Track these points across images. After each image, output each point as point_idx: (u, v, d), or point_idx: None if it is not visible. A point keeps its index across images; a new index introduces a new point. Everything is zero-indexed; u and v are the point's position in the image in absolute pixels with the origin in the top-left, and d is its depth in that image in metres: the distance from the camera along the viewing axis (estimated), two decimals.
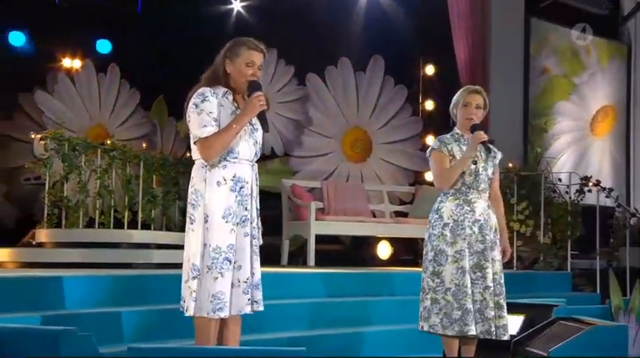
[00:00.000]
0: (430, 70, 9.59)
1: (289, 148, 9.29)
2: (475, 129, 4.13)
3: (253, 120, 3.44)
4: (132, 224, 7.41)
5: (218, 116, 3.34)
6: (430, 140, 8.30)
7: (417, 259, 7.59)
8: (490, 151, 4.18)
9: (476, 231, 4.08)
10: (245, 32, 3.61)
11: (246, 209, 3.37)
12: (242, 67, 3.39)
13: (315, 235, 7.65)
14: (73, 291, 4.39)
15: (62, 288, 4.36)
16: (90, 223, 7.21)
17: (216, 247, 3.29)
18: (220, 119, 3.34)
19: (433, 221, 4.16)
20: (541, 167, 8.71)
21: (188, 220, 3.38)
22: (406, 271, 6.88)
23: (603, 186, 7.87)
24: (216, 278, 3.27)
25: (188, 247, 3.36)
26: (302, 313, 5.14)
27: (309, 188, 8.43)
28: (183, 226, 3.46)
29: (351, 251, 9.00)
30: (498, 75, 8.89)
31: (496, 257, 4.11)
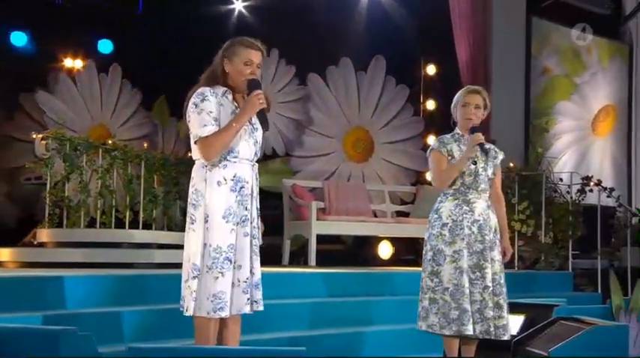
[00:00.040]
0: (431, 70, 9.60)
1: (290, 148, 9.29)
2: (475, 130, 4.13)
3: (253, 119, 3.44)
4: (133, 224, 7.40)
5: (218, 115, 3.34)
6: (431, 140, 8.29)
7: (419, 259, 7.54)
8: (487, 153, 4.17)
9: (475, 231, 4.09)
10: (246, 32, 3.61)
11: (246, 209, 3.37)
12: (240, 66, 3.39)
13: (316, 235, 7.65)
14: (74, 291, 4.39)
15: (63, 288, 4.36)
16: (91, 223, 7.21)
17: (216, 247, 3.29)
18: (220, 118, 3.34)
19: (432, 221, 4.18)
20: (542, 167, 8.70)
21: (189, 220, 3.37)
22: (407, 271, 6.87)
23: (604, 186, 7.86)
24: (216, 277, 3.27)
25: (188, 247, 3.36)
26: (303, 313, 5.14)
27: (310, 188, 8.43)
28: (184, 226, 3.46)
29: (353, 251, 9.00)
30: (499, 75, 8.89)
31: (496, 257, 4.11)
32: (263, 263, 3.51)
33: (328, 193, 8.27)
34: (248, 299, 3.35)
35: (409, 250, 8.75)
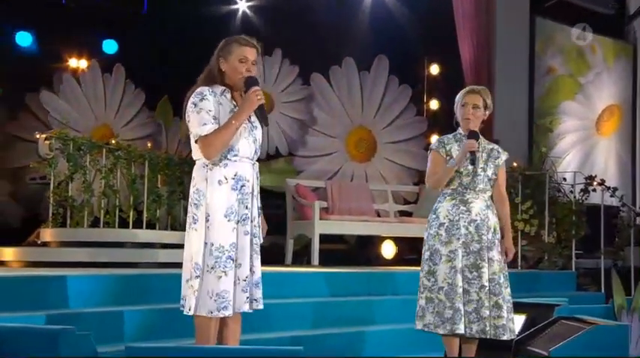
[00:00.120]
0: (435, 70, 9.62)
1: (293, 148, 9.30)
2: (472, 135, 4.14)
3: (252, 118, 3.45)
4: (137, 223, 7.41)
5: (217, 114, 3.34)
6: (434, 140, 8.30)
7: (421, 259, 7.58)
8: (474, 163, 4.13)
9: (472, 231, 4.09)
10: (250, 32, 3.61)
11: (246, 207, 3.38)
12: (236, 64, 3.40)
13: (319, 234, 7.65)
14: (78, 291, 4.40)
15: (66, 288, 4.37)
16: (95, 222, 7.22)
17: (219, 246, 3.29)
18: (220, 117, 3.35)
19: (431, 221, 4.20)
20: (546, 166, 8.70)
21: (190, 219, 3.37)
22: (410, 270, 6.84)
23: (608, 186, 7.86)
24: (219, 277, 3.27)
25: (189, 246, 3.37)
26: (306, 312, 5.14)
27: (313, 187, 8.44)
28: None
29: (356, 250, 9.00)
30: (503, 75, 8.89)
31: (494, 257, 4.10)
32: (266, 262, 3.52)
33: (331, 193, 8.28)
34: (247, 297, 3.35)
35: (412, 250, 8.74)
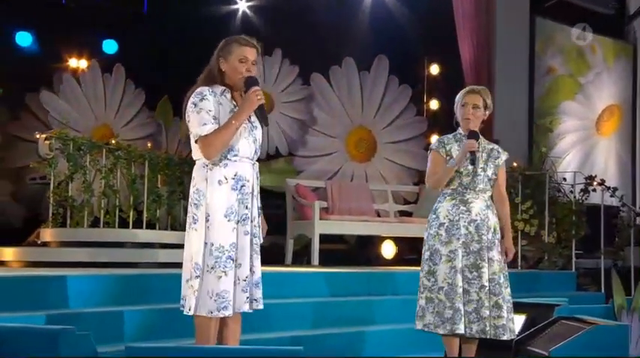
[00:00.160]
0: (435, 70, 9.62)
1: (293, 148, 9.31)
2: (471, 136, 4.14)
3: (252, 118, 3.45)
4: (137, 223, 7.41)
5: (217, 114, 3.34)
6: (434, 140, 8.31)
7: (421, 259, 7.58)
8: (474, 163, 4.14)
9: (472, 231, 4.09)
10: (250, 32, 3.61)
11: (246, 207, 3.37)
12: (236, 64, 3.40)
13: (319, 234, 7.65)
14: (77, 290, 4.40)
15: (66, 287, 4.37)
16: (95, 223, 7.22)
17: (219, 246, 3.29)
18: (220, 117, 3.34)
19: (431, 221, 4.20)
20: (546, 166, 8.70)
21: (191, 220, 3.37)
22: (410, 270, 6.84)
23: (607, 186, 7.86)
24: (220, 277, 3.27)
25: (189, 246, 3.36)
26: (306, 312, 5.14)
27: (313, 187, 8.44)
28: None
29: (356, 250, 9.00)
30: (503, 75, 8.89)
31: (494, 257, 4.10)
32: (266, 262, 3.51)
33: (331, 193, 8.28)
34: (247, 297, 3.35)
35: (412, 250, 8.74)
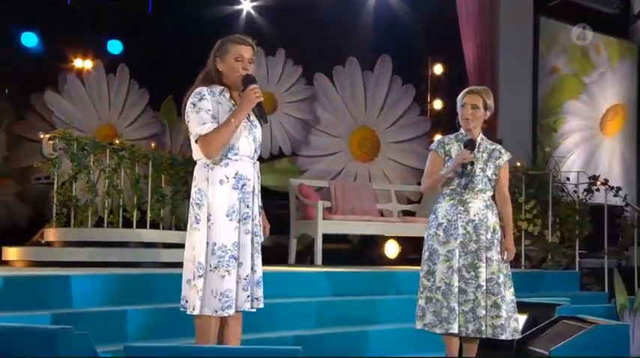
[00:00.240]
0: (438, 70, 9.62)
1: (297, 148, 9.31)
2: (469, 144, 4.14)
3: (252, 117, 3.46)
4: (140, 223, 7.43)
5: (216, 113, 3.36)
6: (435, 140, 8.31)
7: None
8: (462, 176, 4.12)
9: (470, 231, 4.10)
10: (254, 32, 3.63)
11: (247, 206, 3.38)
12: (232, 63, 3.41)
13: (322, 234, 7.66)
14: (81, 290, 4.41)
15: (70, 287, 4.38)
16: (99, 222, 7.24)
17: (221, 245, 3.30)
18: (219, 117, 3.35)
19: (430, 221, 4.22)
20: (550, 166, 8.69)
21: (192, 219, 3.38)
22: (413, 270, 6.81)
23: (611, 186, 7.84)
24: (223, 276, 3.28)
25: (191, 246, 3.37)
26: (309, 312, 5.15)
27: (316, 187, 8.44)
28: None
29: (359, 250, 9.01)
30: (507, 74, 8.87)
31: (493, 257, 4.10)
32: (269, 262, 3.52)
33: (334, 193, 8.28)
34: (248, 296, 3.35)
35: (415, 249, 8.71)
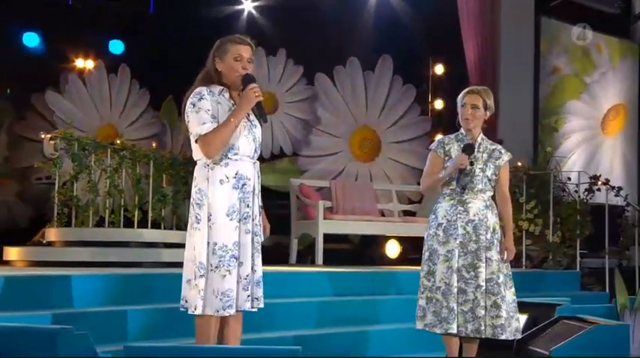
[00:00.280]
0: (439, 70, 9.62)
1: (298, 148, 9.32)
2: (467, 149, 4.14)
3: (251, 117, 3.47)
4: (142, 223, 7.43)
5: (216, 113, 3.36)
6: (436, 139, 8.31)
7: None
8: (459, 181, 4.13)
9: (470, 231, 4.10)
10: (255, 32, 3.65)
11: (248, 206, 3.39)
12: (231, 63, 3.41)
13: (323, 234, 7.66)
14: (82, 290, 4.41)
15: (71, 287, 4.38)
16: (100, 222, 7.25)
17: (222, 245, 3.31)
18: (219, 116, 3.36)
19: (430, 221, 4.23)
20: (551, 166, 8.68)
21: (193, 219, 3.39)
22: (414, 270, 6.80)
23: (612, 185, 7.84)
24: (224, 276, 3.29)
25: (191, 246, 3.38)
26: (310, 312, 5.15)
27: (317, 187, 8.44)
28: None
29: (360, 250, 9.01)
30: (508, 74, 8.87)
31: (493, 257, 4.10)
32: (270, 262, 3.52)
33: (335, 192, 8.29)
34: (248, 296, 3.36)
35: (416, 249, 8.68)
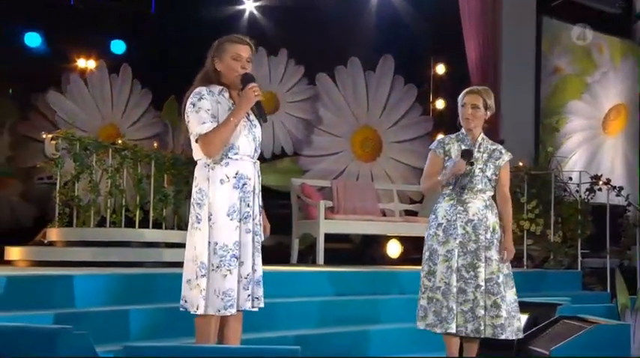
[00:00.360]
0: (441, 70, 9.63)
1: (299, 147, 9.32)
2: (466, 154, 4.14)
3: (251, 117, 3.48)
4: (143, 223, 7.43)
5: (216, 113, 3.37)
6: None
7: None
8: (455, 186, 4.15)
9: (469, 231, 4.10)
10: (256, 32, 3.66)
11: (248, 206, 3.39)
12: (230, 62, 3.42)
13: (324, 234, 7.66)
14: (83, 290, 4.42)
15: (72, 287, 4.39)
16: (101, 222, 7.25)
17: (223, 245, 3.32)
18: (218, 116, 3.36)
19: (430, 221, 4.24)
20: (552, 166, 8.68)
21: (194, 219, 3.40)
22: (415, 270, 6.79)
23: (613, 185, 7.84)
24: (225, 275, 3.30)
25: (192, 246, 3.38)
26: (311, 311, 5.15)
27: (318, 187, 8.44)
28: None
29: (361, 250, 9.01)
30: (510, 74, 8.88)
31: (493, 256, 4.10)
32: (271, 262, 3.52)
33: (337, 192, 8.29)
34: (249, 295, 3.36)
35: (417, 249, 8.65)
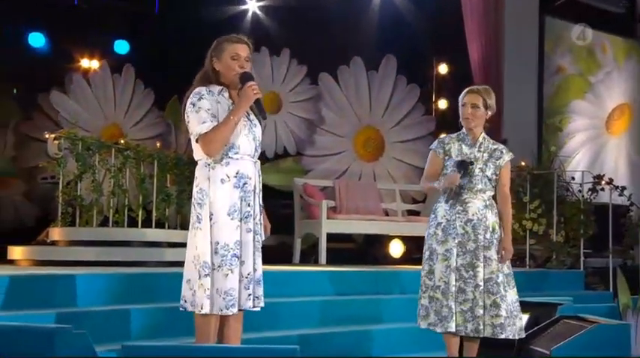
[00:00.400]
0: (443, 69, 9.62)
1: (301, 147, 9.32)
2: (460, 166, 4.12)
3: (251, 116, 3.49)
4: (146, 222, 7.45)
5: (216, 112, 3.38)
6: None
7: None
8: (448, 200, 4.13)
9: (469, 231, 4.10)
10: (259, 32, 3.68)
11: (249, 205, 3.40)
12: (228, 62, 3.43)
13: (326, 234, 7.66)
14: (86, 289, 4.43)
15: (75, 286, 4.40)
16: (104, 222, 7.27)
17: (224, 244, 3.33)
18: (218, 115, 3.38)
19: (430, 220, 4.25)
20: (555, 165, 8.68)
21: (195, 219, 3.40)
22: (417, 269, 6.80)
23: (616, 185, 7.83)
24: (226, 275, 3.31)
25: (194, 246, 3.38)
26: (313, 311, 5.16)
27: (321, 187, 8.46)
28: None
29: (363, 249, 9.01)
30: (512, 74, 8.87)
31: (492, 256, 4.10)
32: (274, 261, 3.53)
33: (339, 192, 8.30)
34: (250, 294, 3.37)
35: (420, 249, 8.67)
